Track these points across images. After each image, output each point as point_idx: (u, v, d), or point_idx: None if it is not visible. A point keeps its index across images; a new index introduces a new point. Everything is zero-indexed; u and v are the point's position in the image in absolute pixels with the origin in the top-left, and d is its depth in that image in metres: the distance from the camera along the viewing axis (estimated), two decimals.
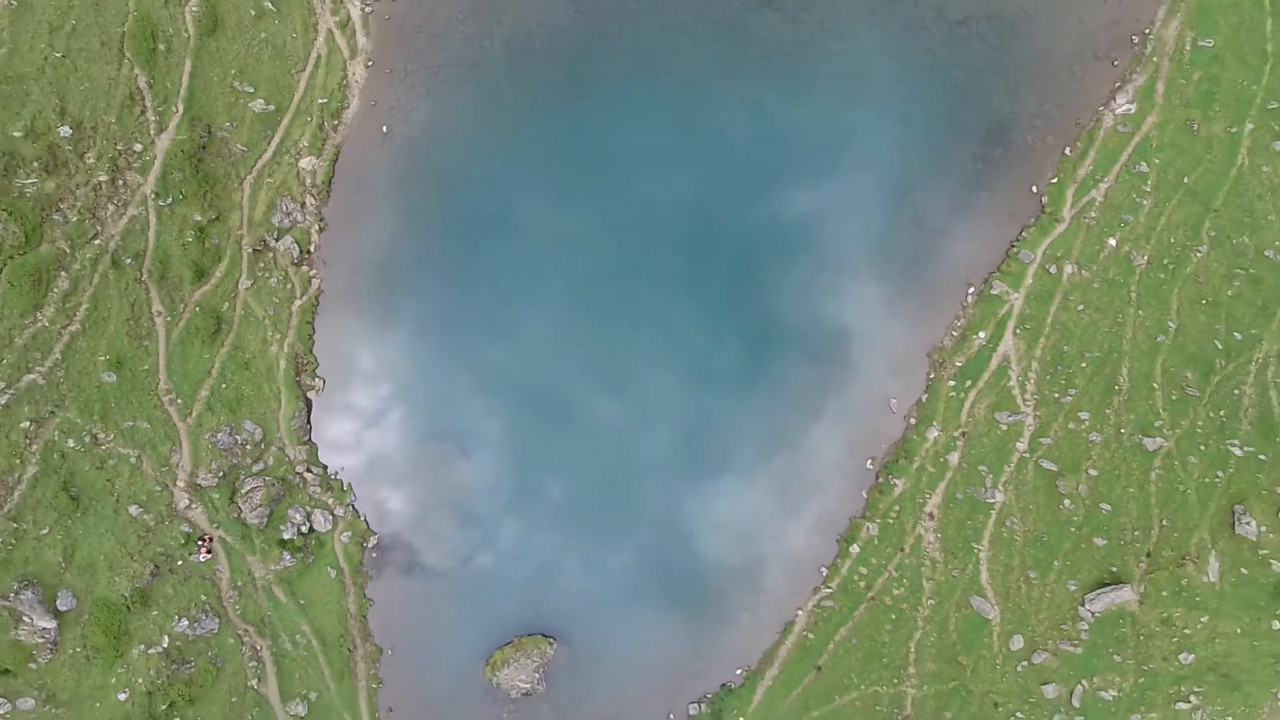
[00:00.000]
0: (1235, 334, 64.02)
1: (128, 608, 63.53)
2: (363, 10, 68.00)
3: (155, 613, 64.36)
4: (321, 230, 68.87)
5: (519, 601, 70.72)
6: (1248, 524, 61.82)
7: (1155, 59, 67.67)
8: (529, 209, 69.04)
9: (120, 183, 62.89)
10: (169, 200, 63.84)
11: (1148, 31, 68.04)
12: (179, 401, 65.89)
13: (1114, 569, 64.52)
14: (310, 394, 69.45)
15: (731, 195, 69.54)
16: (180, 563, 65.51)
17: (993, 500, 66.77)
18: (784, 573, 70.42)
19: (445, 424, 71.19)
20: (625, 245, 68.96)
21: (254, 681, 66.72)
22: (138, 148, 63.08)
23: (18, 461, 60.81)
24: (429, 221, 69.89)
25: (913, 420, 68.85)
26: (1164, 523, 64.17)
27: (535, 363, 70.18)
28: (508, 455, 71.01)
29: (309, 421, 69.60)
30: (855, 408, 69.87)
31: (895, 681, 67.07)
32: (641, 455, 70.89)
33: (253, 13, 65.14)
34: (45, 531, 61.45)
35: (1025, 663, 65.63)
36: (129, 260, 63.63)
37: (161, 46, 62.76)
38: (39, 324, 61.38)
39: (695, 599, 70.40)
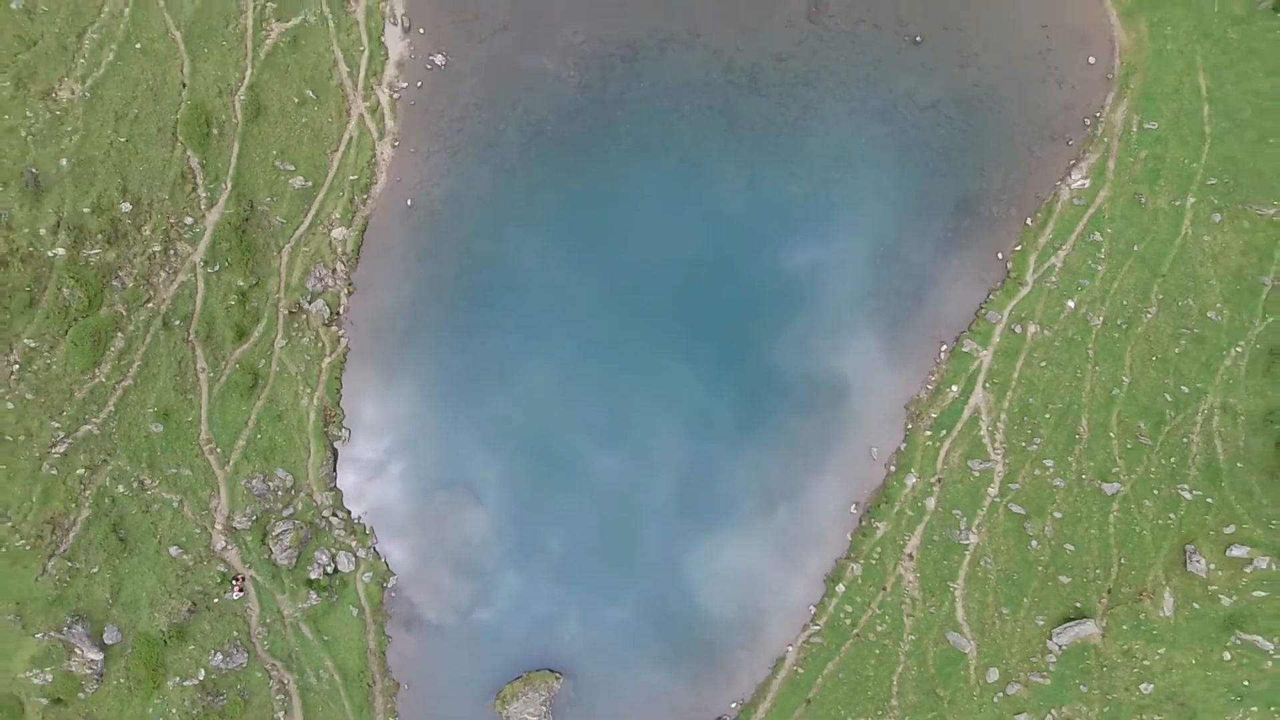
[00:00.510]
0: (1183, 388, 70.06)
1: (165, 642, 68.62)
2: (391, 97, 75.39)
3: (192, 647, 69.39)
4: (350, 294, 75.37)
5: (527, 639, 75.81)
6: (1198, 562, 67.21)
7: (1106, 140, 74.72)
8: (539, 275, 75.57)
9: (172, 252, 69.69)
10: (215, 268, 70.58)
11: (1098, 115, 75.13)
12: (218, 450, 71.75)
13: (1078, 604, 69.71)
14: (337, 444, 75.33)
15: (724, 262, 76.07)
16: (215, 600, 70.73)
17: (967, 542, 72.23)
18: (775, 611, 75.61)
19: (460, 473, 76.85)
20: (627, 308, 75.34)
21: (280, 714, 71.45)
22: (189, 221, 70.02)
23: (73, 505, 66.52)
24: (447, 286, 76.30)
25: (892, 468, 74.57)
26: (1122, 561, 69.54)
27: (544, 417, 76.16)
28: (517, 503, 76.59)
29: (335, 469, 75.39)
30: (839, 456, 75.62)
31: (880, 713, 71.70)
32: (641, 503, 76.47)
33: (295, 100, 72.55)
34: (95, 570, 66.89)
35: (1001, 694, 70.38)
36: (178, 322, 70.10)
37: (214, 131, 69.99)
38: (96, 379, 67.59)
39: (692, 637, 75.46)
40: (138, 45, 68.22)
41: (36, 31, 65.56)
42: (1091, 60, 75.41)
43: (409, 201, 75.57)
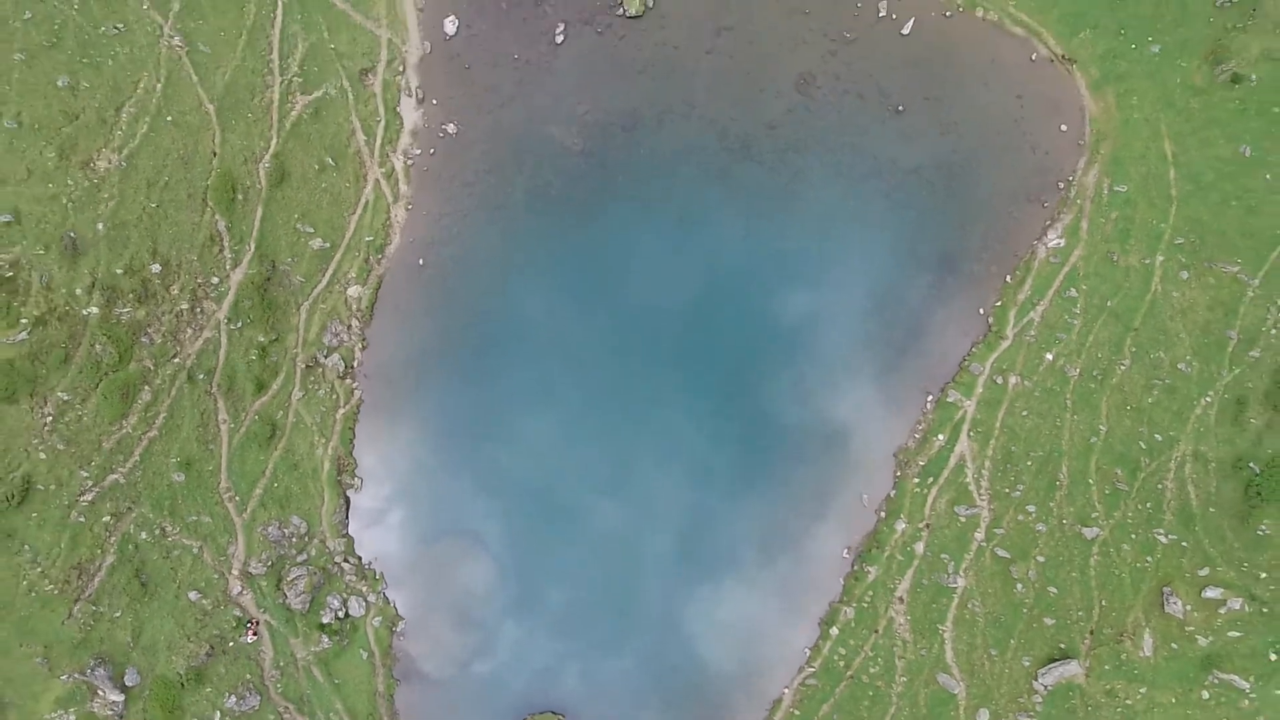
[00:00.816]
0: (1156, 436, 73.55)
1: (183, 684, 71.15)
2: (405, 163, 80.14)
3: (208, 690, 71.92)
4: (364, 348, 79.28)
5: (531, 684, 78.39)
6: (1175, 604, 70.06)
7: (1079, 201, 79.20)
8: (543, 330, 79.56)
9: (198, 310, 73.80)
10: (238, 324, 74.61)
11: (1071, 179, 79.66)
12: (236, 498, 75.05)
13: (1062, 645, 72.38)
14: (349, 492, 78.62)
15: (720, 317, 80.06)
16: (231, 644, 73.44)
17: (955, 585, 75.12)
18: (771, 654, 78.21)
19: (466, 521, 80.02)
20: (627, 360, 79.13)
21: None
22: (214, 280, 74.26)
23: (99, 551, 69.65)
24: (456, 341, 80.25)
25: (883, 514, 77.76)
26: (1103, 603, 72.35)
27: (548, 466, 79.51)
28: (522, 551, 79.61)
29: (347, 516, 78.57)
30: (832, 503, 78.84)
31: None
32: (642, 550, 79.48)
33: (315, 167, 77.28)
34: (118, 614, 69.76)
35: None
36: (201, 375, 73.90)
37: (239, 196, 74.58)
38: (124, 430, 71.19)
39: (692, 678, 77.98)
40: (169, 118, 73.09)
41: (79, 106, 70.49)
42: (1063, 128, 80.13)
43: (421, 261, 79.79)
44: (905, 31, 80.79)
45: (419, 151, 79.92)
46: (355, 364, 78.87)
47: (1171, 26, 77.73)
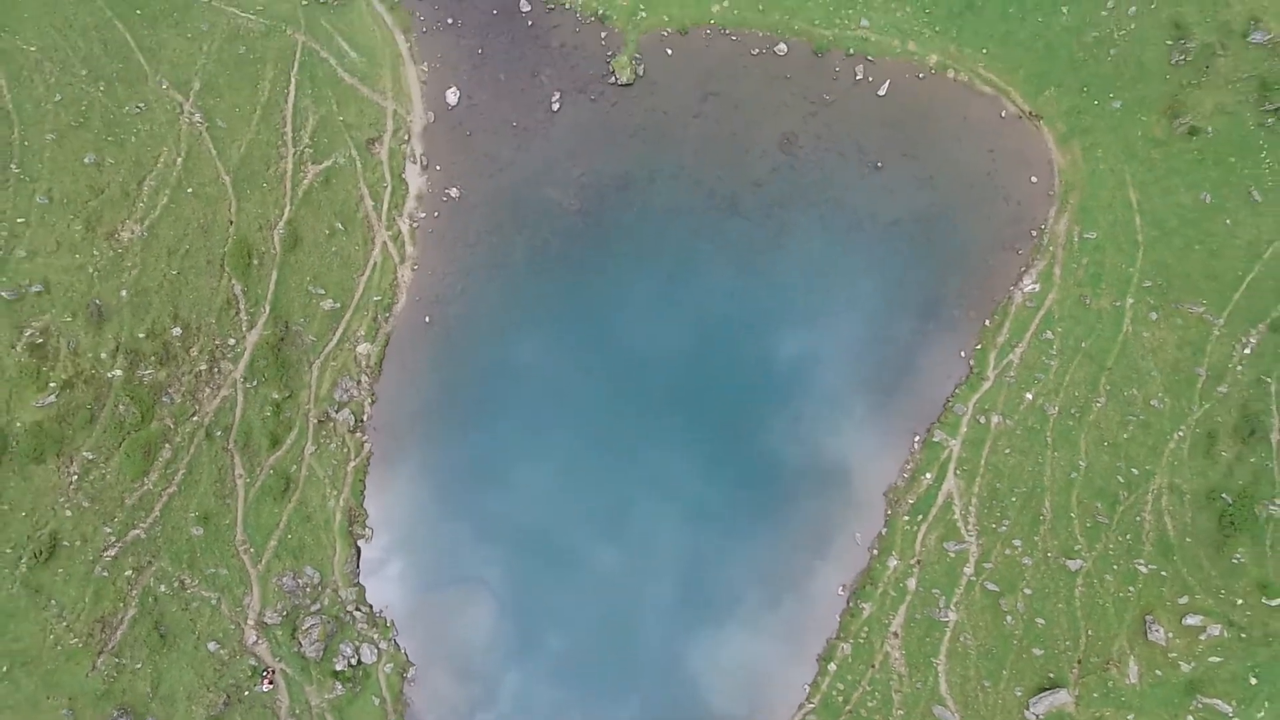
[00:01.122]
0: (1133, 470, 76.92)
1: None
2: (411, 226, 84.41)
3: None
4: (373, 403, 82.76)
5: None
6: (1157, 631, 72.87)
7: (1051, 248, 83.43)
8: (546, 382, 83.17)
9: (216, 370, 77.43)
10: (254, 383, 78.19)
11: (1043, 227, 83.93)
12: (251, 550, 77.96)
13: (1051, 675, 74.95)
14: (360, 542, 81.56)
15: (713, 365, 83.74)
16: (248, 693, 75.82)
17: (947, 619, 77.85)
18: (772, 691, 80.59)
19: (473, 568, 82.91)
20: (625, 409, 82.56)
21: None
22: (231, 341, 78.00)
23: (121, 605, 72.40)
24: (461, 394, 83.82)
25: (875, 551, 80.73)
26: (1089, 633, 75.08)
27: (552, 513, 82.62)
28: (527, 597, 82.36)
29: (358, 566, 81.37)
30: (826, 542, 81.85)
31: None
32: (643, 593, 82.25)
33: (326, 231, 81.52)
34: (139, 666, 72.30)
35: None
36: (219, 432, 77.28)
37: (255, 261, 78.66)
38: (145, 487, 74.36)
39: (694, 717, 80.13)
40: (189, 189, 77.47)
41: (104, 181, 74.91)
42: (1034, 179, 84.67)
43: (427, 318, 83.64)
44: (881, 93, 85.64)
45: (424, 215, 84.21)
46: (365, 418, 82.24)
47: (1130, 84, 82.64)
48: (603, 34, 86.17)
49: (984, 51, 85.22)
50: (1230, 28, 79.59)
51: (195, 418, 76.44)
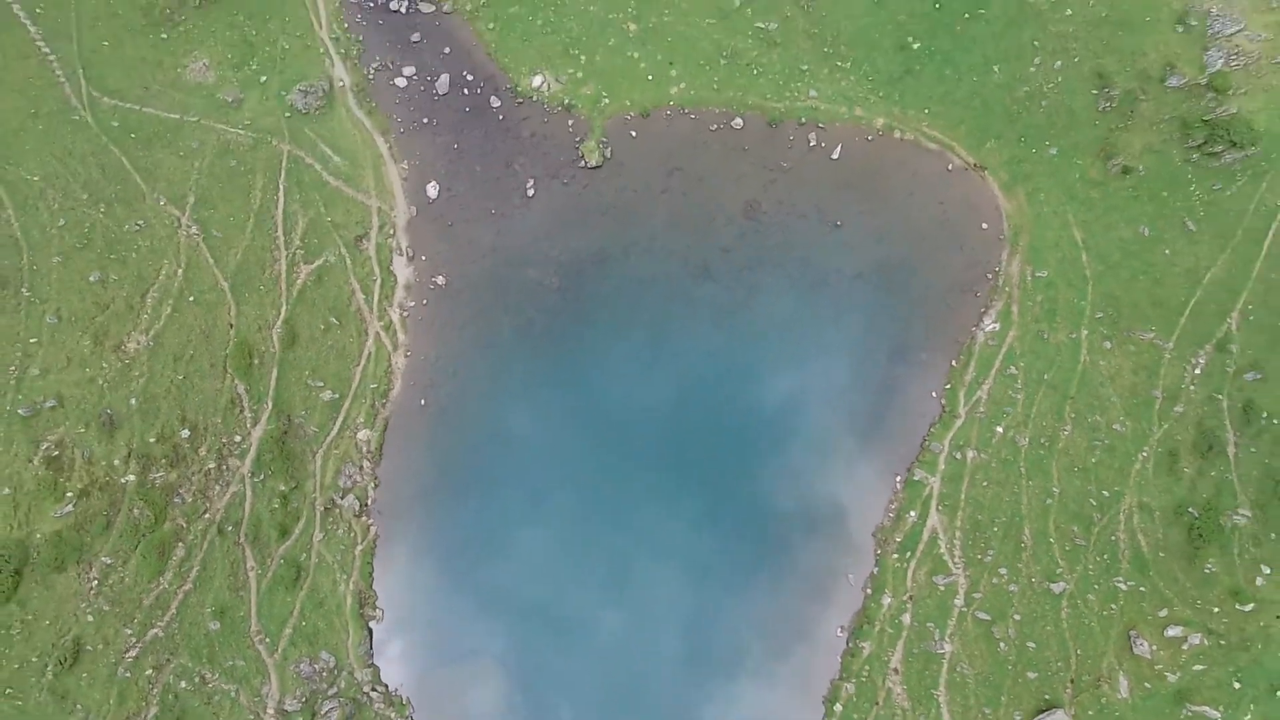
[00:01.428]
0: (1104, 492, 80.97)
1: None
2: (401, 315, 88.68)
3: None
4: (376, 486, 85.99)
5: None
6: (1142, 645, 76.16)
7: (1007, 289, 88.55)
8: (540, 452, 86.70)
9: (224, 467, 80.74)
10: (261, 477, 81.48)
11: (997, 269, 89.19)
12: (267, 640, 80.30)
13: (1047, 697, 77.83)
14: (372, 623, 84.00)
15: (698, 422, 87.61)
16: None
17: (943, 651, 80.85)
18: None
19: (482, 640, 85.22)
20: (616, 471, 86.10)
21: None
22: (237, 439, 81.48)
23: (143, 704, 74.48)
24: (460, 471, 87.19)
25: (869, 590, 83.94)
26: (1078, 652, 78.25)
27: (555, 580, 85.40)
28: (535, 665, 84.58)
29: (371, 647, 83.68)
30: (821, 585, 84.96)
31: None
32: (648, 652, 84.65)
33: (321, 327, 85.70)
34: None
35: None
36: (230, 528, 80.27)
37: (255, 361, 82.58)
38: (161, 587, 77.03)
39: None
40: (191, 298, 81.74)
41: (109, 297, 79.12)
42: (984, 226, 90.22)
43: (422, 401, 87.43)
44: (835, 156, 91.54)
45: (413, 303, 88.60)
46: (369, 502, 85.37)
47: (1064, 131, 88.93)
48: (570, 122, 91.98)
49: (926, 111, 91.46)
50: (1148, 74, 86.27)
51: (206, 515, 79.44)
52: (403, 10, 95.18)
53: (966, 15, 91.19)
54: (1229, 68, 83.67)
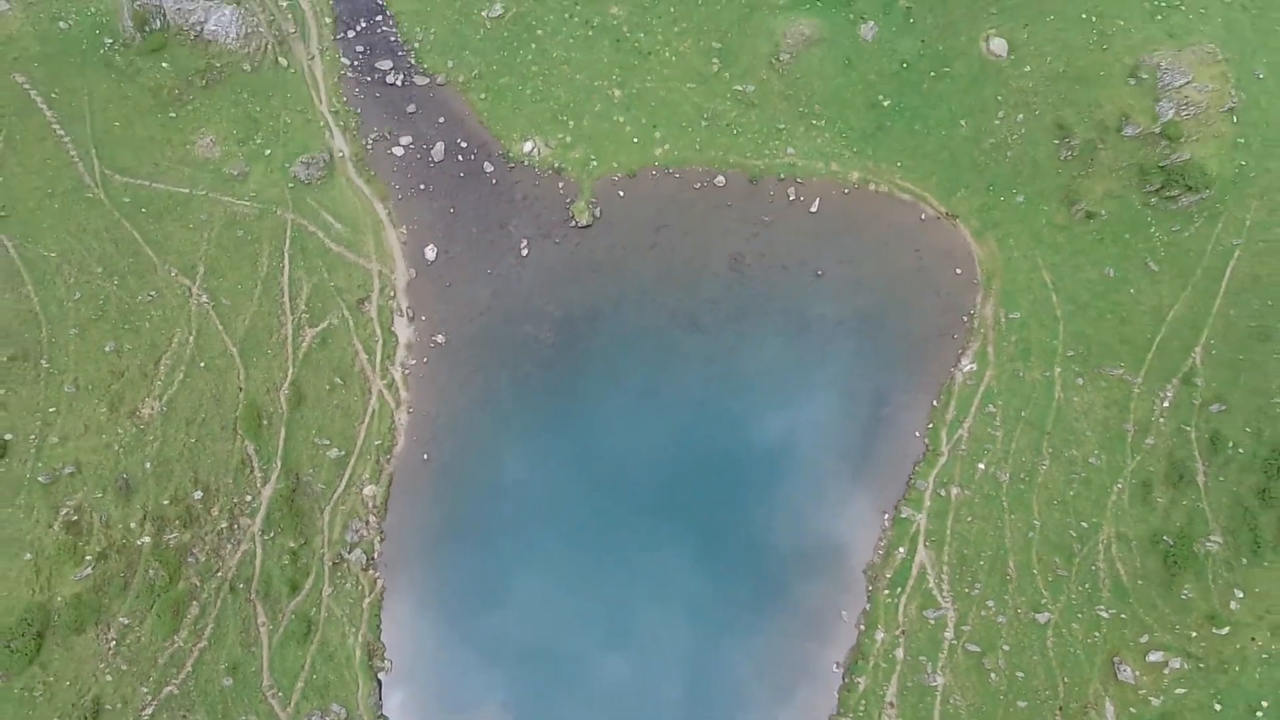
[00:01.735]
0: (1082, 524, 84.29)
1: None
2: (403, 374, 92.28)
3: None
4: (382, 540, 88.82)
5: None
6: (1125, 671, 78.96)
7: (982, 330, 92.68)
8: (540, 502, 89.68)
9: (235, 526, 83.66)
10: (271, 534, 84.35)
11: (972, 312, 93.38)
12: (279, 694, 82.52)
13: None
14: (381, 674, 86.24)
15: (692, 469, 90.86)
16: None
17: (935, 684, 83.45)
18: None
19: (489, 687, 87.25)
20: (619, 521, 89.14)
21: None
22: (248, 498, 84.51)
23: None
24: (464, 523, 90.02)
25: (862, 626, 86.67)
26: (1065, 680, 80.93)
27: (560, 627, 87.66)
28: (544, 714, 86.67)
29: (381, 698, 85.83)
30: (816, 623, 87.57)
31: None
32: (653, 694, 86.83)
33: (327, 387, 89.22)
34: None
35: None
36: (241, 585, 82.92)
37: (264, 422, 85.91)
38: (176, 645, 79.46)
39: None
40: (202, 364, 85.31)
41: (124, 365, 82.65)
42: (958, 271, 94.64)
43: (425, 456, 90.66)
44: (813, 210, 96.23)
45: (414, 362, 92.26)
46: (376, 556, 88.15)
47: (1029, 179, 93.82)
48: (560, 184, 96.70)
49: (898, 165, 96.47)
50: (1105, 125, 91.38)
51: (219, 573, 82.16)
52: (399, 83, 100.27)
53: (932, 74, 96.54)
54: (1180, 117, 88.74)
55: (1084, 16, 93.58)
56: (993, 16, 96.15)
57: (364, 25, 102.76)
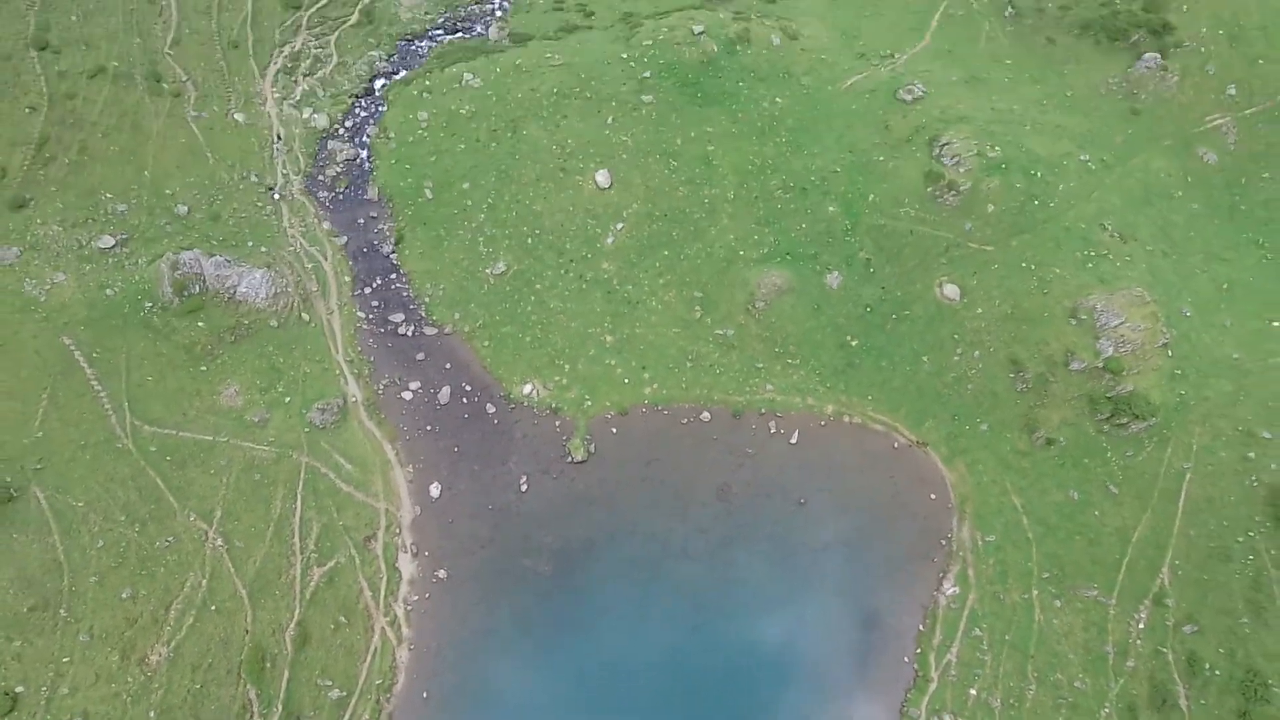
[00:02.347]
0: None
1: None
2: (405, 609, 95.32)
3: None
4: None
5: None
6: None
7: (961, 554, 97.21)
8: None
9: None
10: None
11: (950, 536, 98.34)
12: None
13: None
14: None
15: (685, 695, 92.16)
16: None
17: None
18: None
19: None
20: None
21: None
22: None
23: None
24: None
25: None
26: None
27: None
28: None
29: None
30: None
31: None
32: None
33: (331, 626, 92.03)
34: None
35: None
36: None
37: (268, 664, 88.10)
38: None
39: None
40: (213, 607, 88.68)
41: (138, 612, 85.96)
42: (933, 496, 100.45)
43: (425, 694, 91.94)
44: (793, 441, 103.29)
45: (416, 597, 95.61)
46: None
47: (990, 409, 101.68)
48: (557, 423, 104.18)
49: (869, 398, 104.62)
50: (1054, 360, 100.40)
51: None
52: (409, 334, 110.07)
53: (894, 316, 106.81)
54: (1119, 353, 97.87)
55: (1024, 265, 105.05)
56: (943, 266, 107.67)
57: (379, 283, 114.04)
